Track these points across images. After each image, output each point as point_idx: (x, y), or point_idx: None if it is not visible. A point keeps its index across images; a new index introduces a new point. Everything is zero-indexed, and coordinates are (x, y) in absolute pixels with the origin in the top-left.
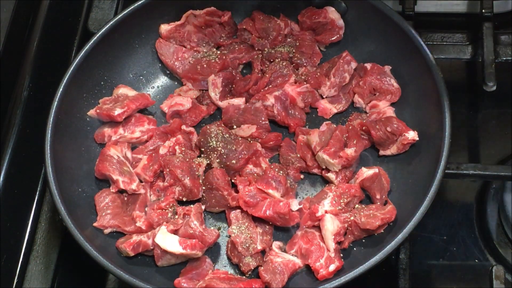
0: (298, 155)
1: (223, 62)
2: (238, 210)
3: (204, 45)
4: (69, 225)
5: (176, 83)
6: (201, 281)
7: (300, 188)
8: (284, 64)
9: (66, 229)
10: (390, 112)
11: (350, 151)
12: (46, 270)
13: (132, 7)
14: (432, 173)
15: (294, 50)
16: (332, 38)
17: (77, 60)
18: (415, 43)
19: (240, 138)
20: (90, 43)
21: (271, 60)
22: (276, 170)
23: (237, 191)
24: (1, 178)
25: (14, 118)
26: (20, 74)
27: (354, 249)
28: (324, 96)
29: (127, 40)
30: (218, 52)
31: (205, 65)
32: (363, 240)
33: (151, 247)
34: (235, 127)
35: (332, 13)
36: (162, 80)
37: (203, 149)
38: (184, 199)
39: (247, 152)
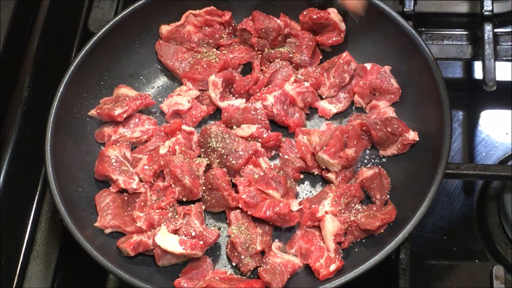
0: (298, 155)
1: (223, 62)
2: (238, 211)
3: (204, 45)
4: (69, 225)
5: (176, 83)
6: (201, 281)
7: (300, 188)
8: (284, 64)
9: (66, 229)
10: (390, 112)
11: (350, 152)
12: (46, 270)
13: (132, 7)
14: (432, 173)
15: (294, 50)
16: (333, 40)
17: (77, 60)
18: (415, 43)
19: (240, 138)
20: (90, 43)
21: (271, 60)
22: (276, 170)
23: (237, 191)
24: (1, 178)
25: (14, 118)
26: (20, 74)
27: (355, 249)
28: (324, 96)
29: (127, 40)
30: (218, 52)
31: (205, 65)
32: (364, 240)
33: (152, 247)
34: (235, 127)
35: (335, 15)
36: (162, 80)
37: (203, 149)
38: (184, 199)
39: (247, 152)
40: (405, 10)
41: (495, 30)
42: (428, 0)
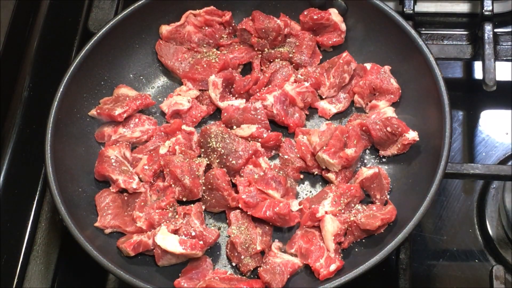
0: (298, 155)
1: (223, 62)
2: (238, 211)
3: (204, 45)
4: (69, 225)
5: (176, 83)
6: (201, 281)
7: (300, 188)
8: (284, 64)
9: (66, 229)
10: (390, 112)
11: (350, 152)
12: (46, 270)
13: (132, 7)
14: (432, 173)
15: (294, 50)
16: (333, 41)
17: (77, 60)
18: (415, 43)
19: (240, 138)
20: (90, 43)
21: (271, 60)
22: (276, 170)
23: (237, 191)
24: (1, 178)
25: (14, 118)
26: (20, 74)
27: (355, 249)
28: (324, 96)
29: (127, 40)
30: (218, 52)
31: (205, 65)
32: (363, 240)
33: (152, 247)
34: (235, 127)
35: (335, 15)
36: (162, 80)
37: (203, 149)
38: (184, 199)
39: (247, 152)
40: (405, 10)
41: (495, 30)
42: (428, 1)
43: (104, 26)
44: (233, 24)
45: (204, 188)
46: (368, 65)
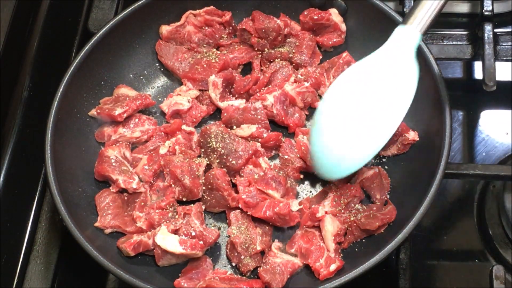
0: (298, 155)
1: (223, 63)
2: (238, 211)
3: (204, 45)
4: (69, 225)
5: (176, 83)
6: (201, 281)
7: (300, 188)
8: (284, 64)
9: (66, 229)
10: None
11: None
12: (46, 270)
13: (132, 7)
14: (432, 173)
15: (294, 50)
16: (334, 41)
17: (77, 60)
18: None
19: (240, 138)
20: (90, 43)
21: (271, 60)
22: (276, 170)
23: (237, 191)
24: (1, 178)
25: (14, 118)
26: (20, 74)
27: (355, 249)
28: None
29: (127, 40)
30: (218, 52)
31: (205, 65)
32: (364, 240)
33: (152, 247)
34: (235, 127)
35: (336, 16)
36: (162, 80)
37: (203, 149)
38: (184, 199)
39: (247, 152)
40: (405, 10)
41: (495, 30)
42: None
43: (104, 26)
44: (233, 24)
45: (204, 188)
46: None
